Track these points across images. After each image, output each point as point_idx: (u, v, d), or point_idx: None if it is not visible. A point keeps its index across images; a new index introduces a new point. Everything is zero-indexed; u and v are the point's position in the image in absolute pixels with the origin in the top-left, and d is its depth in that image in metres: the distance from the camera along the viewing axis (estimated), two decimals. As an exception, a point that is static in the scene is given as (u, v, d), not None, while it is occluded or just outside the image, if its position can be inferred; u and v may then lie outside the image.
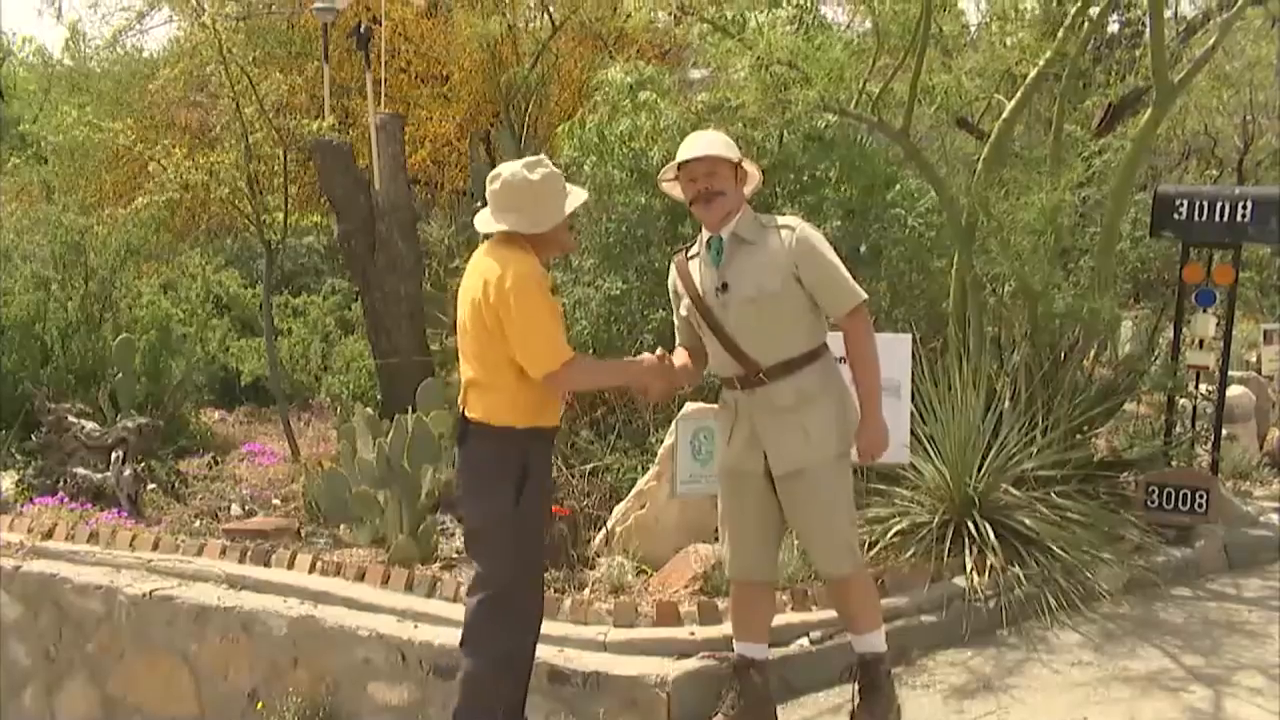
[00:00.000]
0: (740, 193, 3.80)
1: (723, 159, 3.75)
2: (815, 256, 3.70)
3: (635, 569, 5.07)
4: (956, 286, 6.17)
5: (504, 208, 3.60)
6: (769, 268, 3.70)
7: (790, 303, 3.71)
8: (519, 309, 3.47)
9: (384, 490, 5.67)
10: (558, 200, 3.63)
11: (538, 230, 3.59)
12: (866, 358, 3.74)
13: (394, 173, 7.96)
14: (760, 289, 3.70)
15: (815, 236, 3.75)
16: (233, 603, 5.00)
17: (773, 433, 3.76)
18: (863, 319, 3.74)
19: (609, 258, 6.66)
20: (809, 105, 5.67)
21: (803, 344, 3.75)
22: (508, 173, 3.61)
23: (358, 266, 7.99)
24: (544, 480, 3.72)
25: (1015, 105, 6.18)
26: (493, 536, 3.60)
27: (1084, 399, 5.96)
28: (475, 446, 3.62)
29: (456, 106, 12.22)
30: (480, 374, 3.60)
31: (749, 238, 3.75)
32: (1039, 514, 5.22)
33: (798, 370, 3.73)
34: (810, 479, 3.74)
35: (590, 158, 6.73)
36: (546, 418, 3.66)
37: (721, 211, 3.77)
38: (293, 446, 7.49)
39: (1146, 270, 7.54)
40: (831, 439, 3.74)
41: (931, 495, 5.34)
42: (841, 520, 3.79)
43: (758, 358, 3.74)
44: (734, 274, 3.75)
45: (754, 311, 3.72)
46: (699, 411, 5.10)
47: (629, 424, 6.29)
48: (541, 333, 3.51)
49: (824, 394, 3.74)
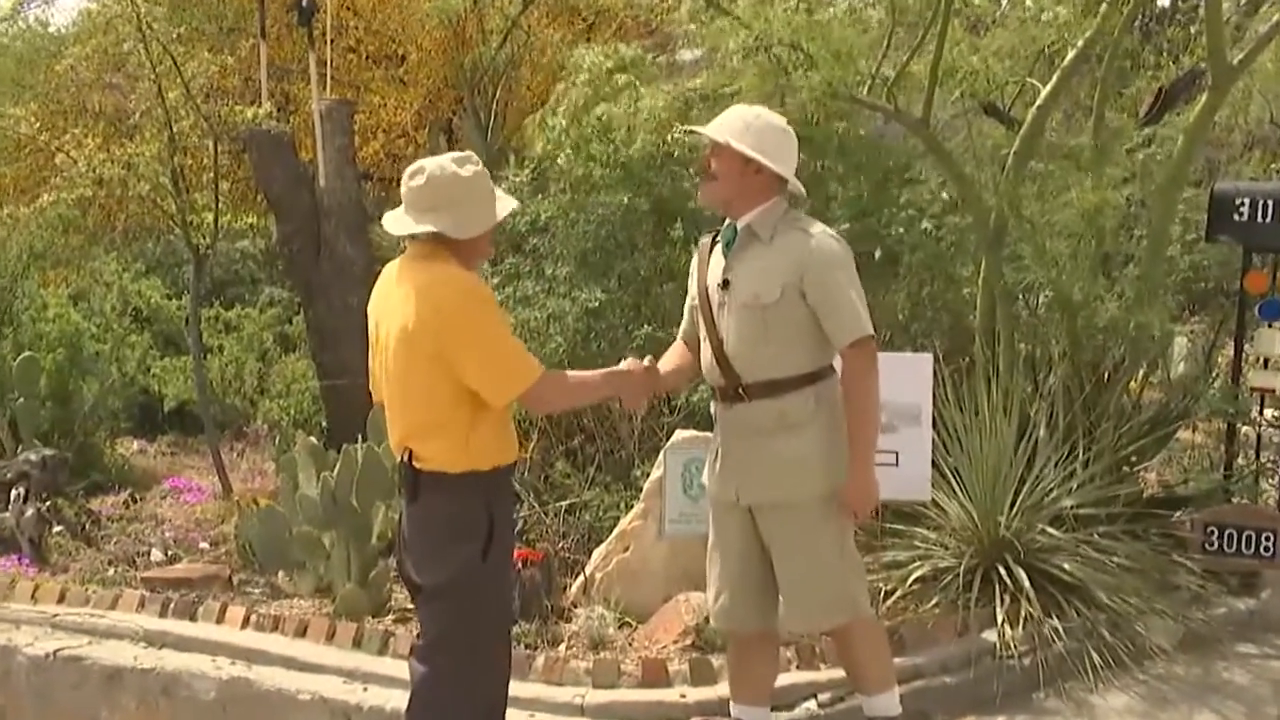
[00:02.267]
0: (746, 187, 3.81)
1: (723, 145, 3.79)
2: (826, 272, 3.71)
3: (618, 621, 5.08)
4: (984, 297, 6.22)
5: (428, 207, 3.48)
6: (772, 273, 3.73)
7: (789, 317, 3.73)
8: (472, 330, 3.40)
9: (329, 531, 5.67)
10: (489, 203, 3.56)
11: (467, 235, 3.50)
12: (862, 399, 3.72)
13: (341, 167, 7.98)
14: (757, 295, 3.73)
15: (833, 250, 3.76)
16: (152, 663, 4.99)
17: (741, 457, 3.80)
18: (866, 355, 3.72)
19: (586, 265, 6.69)
20: (814, 91, 5.71)
21: (798, 365, 3.76)
22: (433, 167, 3.50)
23: (300, 274, 8.00)
24: (511, 523, 3.71)
25: (1051, 90, 6.24)
26: (456, 596, 3.54)
27: (1131, 426, 6.01)
28: (432, 502, 3.52)
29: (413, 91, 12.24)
30: (428, 414, 3.49)
31: (763, 234, 3.80)
32: (1081, 558, 5.27)
33: (785, 393, 3.75)
34: (787, 517, 3.76)
35: (564, 151, 6.77)
36: (507, 453, 3.62)
37: (713, 197, 3.86)
38: (224, 481, 7.48)
39: (1202, 279, 7.59)
40: (815, 474, 3.74)
41: (957, 536, 5.37)
42: (828, 569, 3.78)
43: (741, 370, 3.78)
44: (739, 272, 3.81)
45: (749, 318, 3.76)
46: (690, 440, 5.12)
47: (610, 454, 6.31)
48: (503, 353, 3.46)
49: (812, 422, 3.75)
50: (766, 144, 3.79)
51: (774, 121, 3.89)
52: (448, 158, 3.56)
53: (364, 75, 12.41)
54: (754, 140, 3.78)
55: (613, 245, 6.69)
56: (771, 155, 3.78)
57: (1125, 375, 6.35)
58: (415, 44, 12.11)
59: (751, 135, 3.79)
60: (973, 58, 6.40)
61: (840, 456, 3.75)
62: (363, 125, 11.47)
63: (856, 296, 3.73)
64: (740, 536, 3.89)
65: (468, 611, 3.55)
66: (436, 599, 3.59)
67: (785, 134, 3.87)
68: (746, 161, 3.77)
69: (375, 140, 12.12)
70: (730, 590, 3.94)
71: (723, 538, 3.96)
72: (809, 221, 3.86)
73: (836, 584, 3.79)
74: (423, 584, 3.61)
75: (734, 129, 3.80)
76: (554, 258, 6.75)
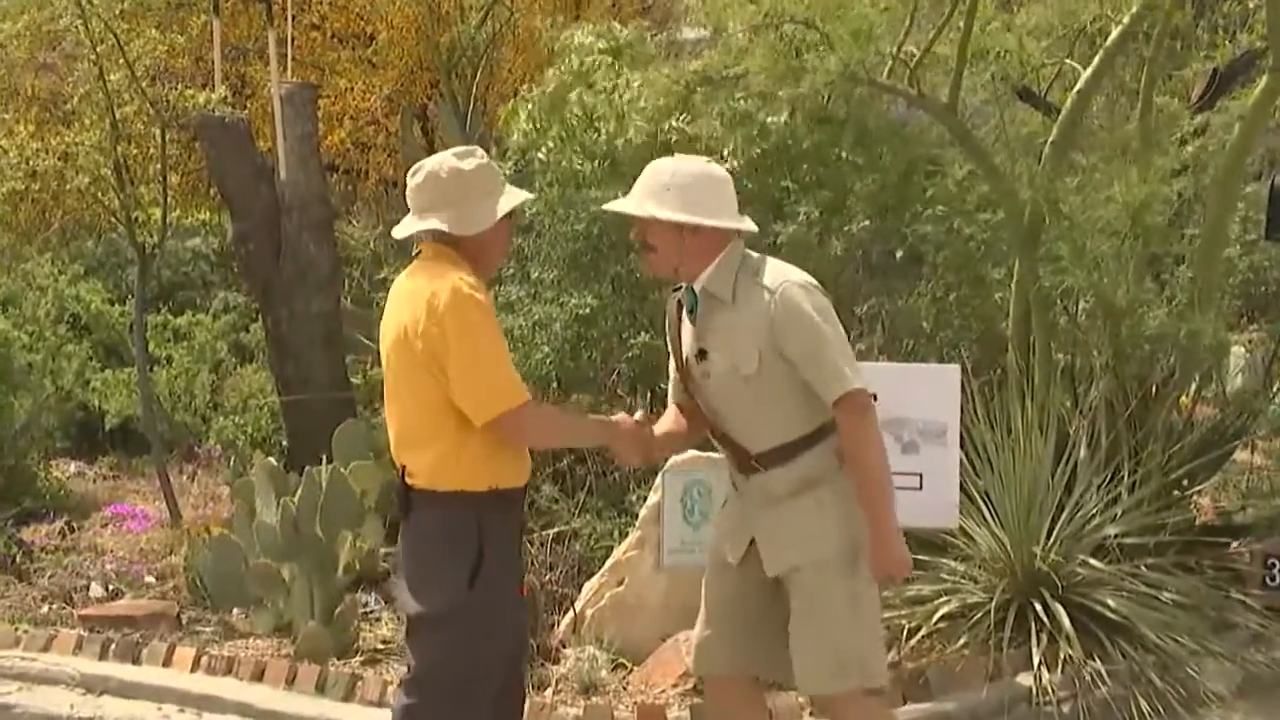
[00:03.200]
0: (688, 251, 3.77)
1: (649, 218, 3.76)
2: (797, 329, 3.67)
3: (611, 662, 5.09)
4: (1018, 302, 6.24)
5: (429, 206, 3.62)
6: (745, 339, 3.71)
7: (777, 381, 3.71)
8: (457, 334, 3.46)
9: (290, 563, 5.68)
10: (494, 197, 3.66)
11: (471, 231, 3.60)
12: (864, 461, 3.69)
13: (304, 157, 7.99)
14: (736, 367, 3.73)
15: (799, 301, 3.69)
16: (91, 711, 4.99)
17: (767, 526, 3.81)
18: (856, 411, 3.67)
19: (576, 267, 6.70)
20: (829, 75, 5.74)
21: (804, 424, 3.76)
22: (433, 163, 3.65)
23: (258, 276, 8.01)
24: (508, 555, 3.71)
25: (1093, 73, 6.27)
26: (441, 627, 3.58)
27: (1182, 446, 6.02)
28: (421, 521, 3.61)
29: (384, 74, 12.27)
30: (417, 426, 3.58)
31: (723, 296, 3.76)
32: (1126, 593, 5.28)
33: (798, 454, 3.76)
34: (804, 577, 3.77)
35: (547, 142, 6.79)
36: (508, 476, 3.65)
37: (659, 269, 3.87)
38: (172, 508, 7.48)
39: (1261, 282, 7.62)
40: (830, 532, 3.74)
41: (988, 569, 5.38)
42: (840, 628, 3.76)
43: (745, 443, 3.80)
44: (712, 340, 3.79)
45: (735, 390, 3.76)
46: (691, 461, 5.13)
47: (603, 477, 6.32)
48: (488, 367, 3.50)
49: (829, 478, 3.77)
50: (694, 199, 3.74)
51: (695, 170, 3.83)
52: (449, 153, 3.69)
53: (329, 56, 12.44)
54: (678, 200, 3.73)
55: (605, 245, 6.71)
56: (704, 210, 3.74)
57: (1175, 389, 6.37)
58: (386, 21, 12.12)
59: (674, 195, 3.74)
60: (1006, 36, 6.42)
61: (855, 512, 3.75)
62: (328, 111, 11.48)
63: (834, 348, 3.69)
64: (737, 577, 3.91)
65: (454, 645, 3.57)
66: (421, 628, 3.64)
67: (711, 179, 3.83)
68: (679, 227, 3.74)
69: (341, 128, 12.14)
70: (716, 631, 3.95)
71: (718, 576, 3.98)
72: (768, 270, 3.78)
73: (847, 645, 3.76)
74: (409, 612, 3.66)
75: (653, 194, 3.77)
76: (540, 259, 6.76)
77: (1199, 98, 7.96)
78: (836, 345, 3.69)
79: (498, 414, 3.51)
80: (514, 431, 3.59)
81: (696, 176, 3.80)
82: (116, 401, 9.32)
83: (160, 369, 9.73)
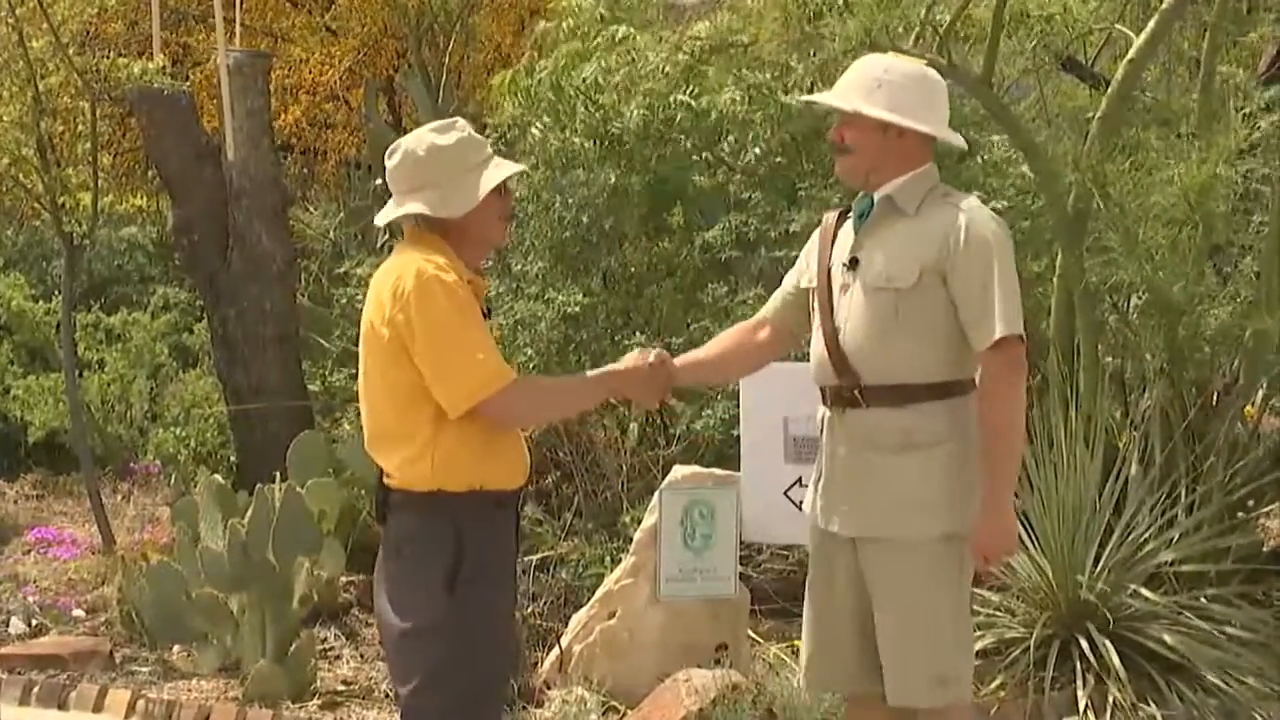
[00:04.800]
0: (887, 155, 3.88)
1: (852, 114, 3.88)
2: (973, 258, 3.75)
3: (602, 705, 5.10)
4: (1061, 299, 6.27)
5: (408, 188, 3.67)
6: (912, 252, 3.79)
7: (926, 308, 3.78)
8: (423, 320, 3.50)
9: (238, 594, 5.69)
10: (479, 172, 3.69)
11: (454, 213, 3.64)
12: (1000, 415, 3.74)
13: (254, 136, 8.01)
14: (890, 278, 3.80)
15: (987, 231, 3.79)
16: (14, 759, 5.00)
17: (848, 477, 3.85)
18: (1007, 361, 3.73)
19: (564, 260, 6.74)
20: (849, 42, 5.78)
21: (931, 370, 3.80)
22: (410, 141, 3.69)
23: (203, 270, 8.03)
24: (494, 566, 3.72)
25: (1147, 40, 6.29)
26: (419, 647, 3.60)
27: (1247, 462, 6.04)
28: (397, 524, 3.67)
29: (345, 44, 12.30)
30: (389, 421, 3.64)
31: (906, 207, 3.86)
32: (1184, 627, 5.30)
33: (911, 403, 3.79)
34: (893, 559, 3.79)
35: (541, 118, 6.82)
36: (495, 476, 3.66)
37: (851, 174, 3.96)
38: (104, 531, 7.49)
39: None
40: (936, 511, 3.78)
41: (1028, 600, 5.41)
42: (935, 630, 3.81)
43: (860, 368, 3.83)
44: (870, 249, 3.87)
45: (877, 305, 3.81)
46: (692, 478, 5.17)
47: (592, 496, 6.35)
48: (454, 352, 3.53)
49: (941, 446, 3.79)
50: (906, 100, 3.85)
51: (911, 70, 3.96)
52: (427, 128, 3.73)
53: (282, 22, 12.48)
54: (888, 99, 3.84)
55: (596, 235, 6.74)
56: (914, 113, 3.85)
57: (1240, 397, 6.38)
58: (347, -18, 12.16)
59: (884, 94, 3.85)
60: (1048, 0, 6.46)
61: (970, 493, 3.79)
62: (281, 84, 11.52)
63: (1005, 288, 3.75)
64: (844, 578, 3.93)
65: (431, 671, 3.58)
66: (398, 641, 3.68)
67: (927, 81, 3.95)
68: (885, 127, 3.85)
69: (297, 104, 12.17)
70: (822, 644, 3.99)
71: (820, 577, 4.00)
72: (963, 195, 3.95)
73: (943, 652, 3.82)
74: (386, 623, 3.70)
75: (862, 90, 3.88)
76: (523, 250, 6.79)
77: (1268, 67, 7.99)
78: (1006, 286, 3.75)
79: (475, 403, 3.54)
80: (502, 416, 3.61)
81: (911, 76, 3.91)
82: (41, 412, 9.32)
83: (91, 374, 9.73)
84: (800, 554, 5.98)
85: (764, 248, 6.54)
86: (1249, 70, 7.68)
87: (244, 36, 10.60)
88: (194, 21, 12.04)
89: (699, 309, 6.47)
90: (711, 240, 6.55)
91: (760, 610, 5.83)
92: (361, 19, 12.16)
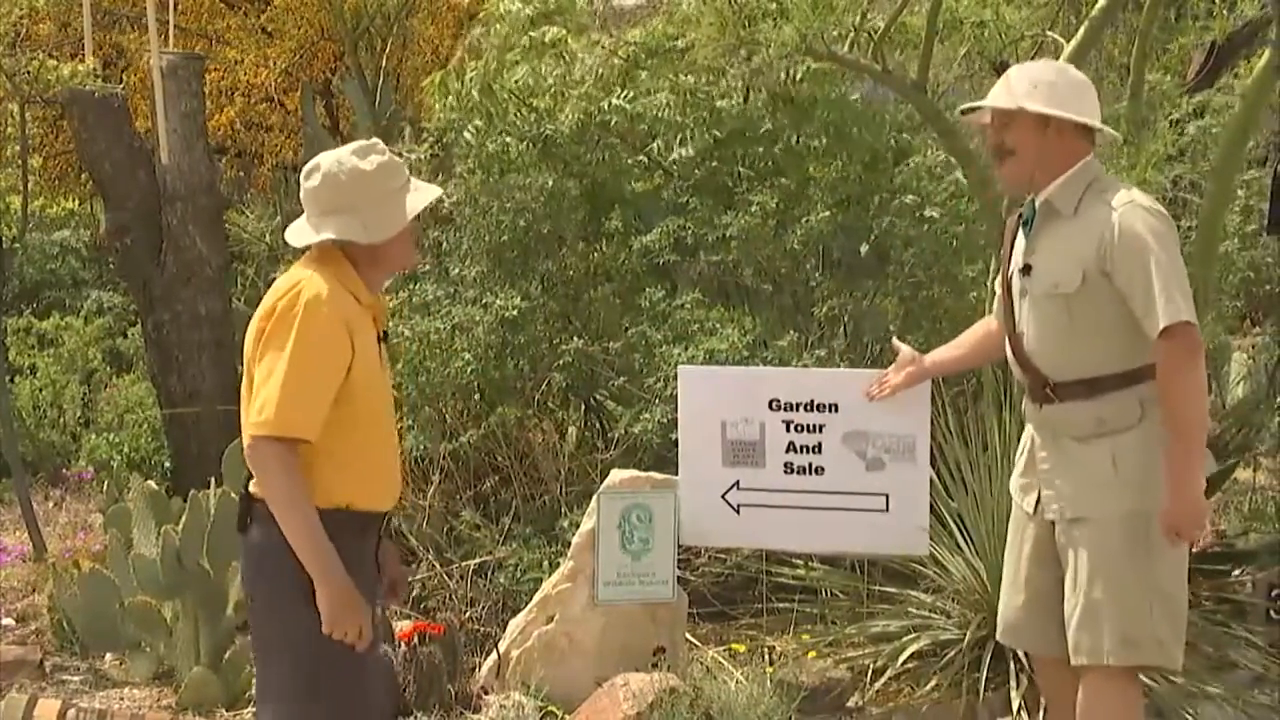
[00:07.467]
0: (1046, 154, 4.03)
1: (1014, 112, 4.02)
2: (1134, 252, 3.89)
3: (540, 710, 5.09)
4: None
5: (327, 209, 3.62)
6: (1073, 255, 3.97)
7: (1097, 306, 3.96)
8: (275, 338, 3.50)
9: (172, 601, 5.66)
10: (400, 199, 3.66)
11: (375, 239, 3.61)
12: (1179, 399, 3.89)
13: (189, 139, 7.97)
14: (1056, 284, 3.99)
15: (1143, 223, 3.93)
16: (-58, 771, 4.94)
17: (1051, 465, 4.07)
18: (1180, 346, 3.87)
19: (502, 263, 6.72)
20: (784, 47, 5.80)
21: (1116, 361, 3.98)
22: (329, 162, 3.64)
23: (137, 274, 7.97)
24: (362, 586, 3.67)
25: (1077, 46, 6.34)
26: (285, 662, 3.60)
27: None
28: (259, 535, 3.59)
29: (281, 45, 12.23)
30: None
31: (1064, 209, 4.04)
32: (1114, 627, 5.35)
33: (1103, 393, 3.97)
34: (1085, 536, 3.98)
35: (474, 122, 6.80)
36: (362, 495, 3.63)
37: (1016, 178, 4.13)
38: (35, 539, 7.41)
39: (1264, 281, 7.73)
40: (1128, 488, 3.96)
41: (961, 602, 5.44)
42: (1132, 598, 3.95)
43: (1047, 369, 4.04)
44: (1040, 255, 4.06)
45: (1051, 311, 4.01)
46: (630, 482, 5.16)
47: (531, 500, 6.34)
48: (286, 379, 3.47)
49: (1135, 428, 3.97)
50: (1061, 95, 4.03)
51: (1058, 69, 4.23)
52: (346, 149, 3.68)
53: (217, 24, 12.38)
54: (1045, 96, 4.02)
55: (534, 239, 6.73)
56: (1072, 106, 4.02)
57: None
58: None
59: (1042, 92, 4.03)
60: (981, 6, 6.51)
61: (1156, 471, 3.95)
62: (216, 87, 11.44)
63: (1169, 275, 3.88)
64: (1038, 545, 4.16)
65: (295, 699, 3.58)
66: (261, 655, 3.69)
67: (1078, 79, 4.14)
68: (1045, 124, 4.01)
69: (232, 106, 12.09)
70: (1017, 602, 4.22)
71: (1017, 541, 4.25)
72: (1117, 188, 4.05)
73: (1141, 618, 3.96)
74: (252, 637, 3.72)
75: (1019, 91, 4.05)
76: (460, 254, 6.77)
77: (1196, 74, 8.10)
78: (1171, 272, 3.89)
79: (252, 431, 3.50)
80: (251, 459, 3.53)
81: (1062, 74, 4.17)
82: (-29, 418, 9.22)
83: (23, 380, 9.65)
84: (737, 558, 6.02)
85: (702, 252, 6.57)
86: (1177, 77, 7.76)
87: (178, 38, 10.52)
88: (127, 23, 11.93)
89: (637, 313, 6.48)
90: (650, 244, 6.56)
91: (698, 614, 5.86)
92: (297, 21, 12.09)
